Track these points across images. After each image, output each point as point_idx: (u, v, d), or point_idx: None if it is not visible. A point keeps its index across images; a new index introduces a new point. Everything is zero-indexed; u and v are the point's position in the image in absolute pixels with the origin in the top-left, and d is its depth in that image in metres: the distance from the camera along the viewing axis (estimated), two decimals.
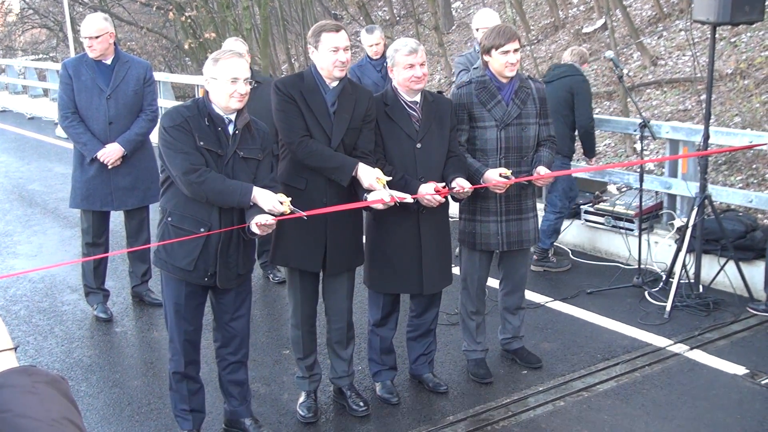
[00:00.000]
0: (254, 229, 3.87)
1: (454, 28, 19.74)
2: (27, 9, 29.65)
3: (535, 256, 6.86)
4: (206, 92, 4.03)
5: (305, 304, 4.57)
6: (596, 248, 7.39)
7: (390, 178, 4.23)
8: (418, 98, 4.55)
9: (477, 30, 7.00)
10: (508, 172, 4.60)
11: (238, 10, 19.31)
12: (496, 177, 4.59)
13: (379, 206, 4.21)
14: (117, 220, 6.83)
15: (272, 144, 4.25)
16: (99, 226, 6.12)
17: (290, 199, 3.93)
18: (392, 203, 4.18)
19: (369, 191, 4.21)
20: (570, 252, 7.32)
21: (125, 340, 5.87)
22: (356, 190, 4.32)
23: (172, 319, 4.20)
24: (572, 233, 7.36)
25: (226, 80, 3.91)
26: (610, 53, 6.36)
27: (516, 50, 4.68)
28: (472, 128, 4.78)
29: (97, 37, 5.82)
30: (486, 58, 4.77)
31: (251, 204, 3.91)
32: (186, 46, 20.82)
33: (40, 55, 29.06)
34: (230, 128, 4.02)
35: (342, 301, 4.63)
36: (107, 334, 5.94)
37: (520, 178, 4.75)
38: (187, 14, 19.18)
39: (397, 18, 21.18)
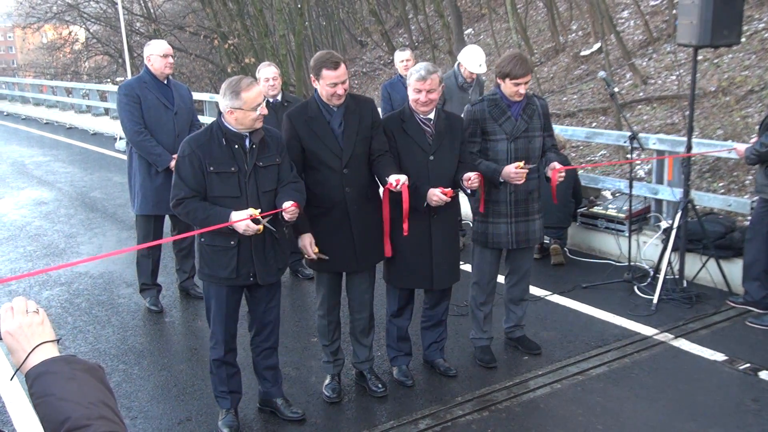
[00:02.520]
0: (285, 215, 3.91)
1: None
2: (91, 39, 29.96)
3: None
4: (221, 114, 3.96)
5: (331, 297, 4.58)
6: (591, 247, 7.34)
7: None
8: (432, 115, 4.53)
9: (458, 64, 7.11)
10: (521, 164, 4.60)
11: (275, 38, 19.41)
12: (512, 170, 4.58)
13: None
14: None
15: (285, 145, 4.21)
16: (158, 230, 6.17)
17: (259, 210, 3.86)
18: (396, 186, 4.14)
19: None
20: (567, 251, 7.28)
21: (173, 329, 5.90)
22: (376, 191, 4.33)
23: (215, 314, 4.19)
24: (569, 234, 7.31)
25: (251, 108, 3.86)
26: (602, 74, 6.31)
27: (526, 83, 4.68)
28: (485, 140, 4.77)
29: (172, 56, 6.00)
30: (499, 80, 4.74)
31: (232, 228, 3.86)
32: (229, 70, 20.95)
33: (103, 80, 29.38)
34: (247, 143, 3.97)
35: (363, 295, 4.62)
36: (157, 324, 5.98)
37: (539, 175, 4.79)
38: (230, 42, 19.33)
39: (416, 44, 21.17)
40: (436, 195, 4.32)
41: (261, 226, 3.87)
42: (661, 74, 12.39)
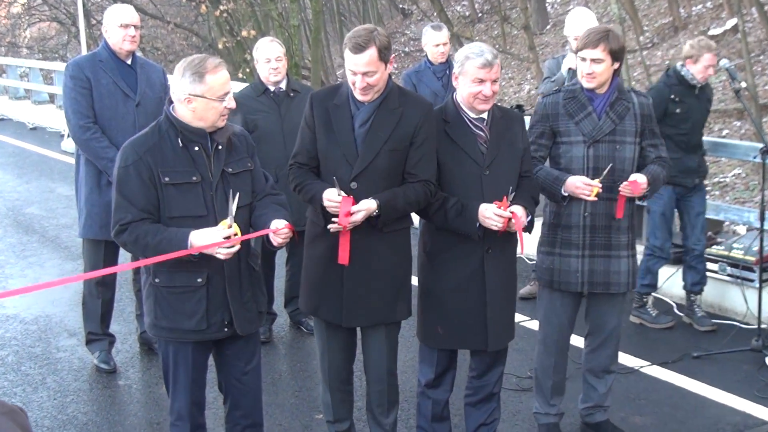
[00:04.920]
0: (273, 239, 3.98)
1: (548, 27, 19.83)
2: None
3: (634, 303, 6.95)
4: (171, 105, 4.02)
5: (334, 357, 4.64)
6: (707, 302, 7.32)
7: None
8: (485, 115, 4.57)
9: (566, 44, 7.15)
10: (597, 183, 4.68)
11: (284, 3, 19.53)
12: (580, 181, 4.65)
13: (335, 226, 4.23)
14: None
15: (254, 144, 4.32)
16: (111, 260, 6.24)
17: (229, 220, 3.92)
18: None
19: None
20: (675, 306, 7.34)
21: (128, 395, 6.03)
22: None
23: (176, 381, 4.23)
24: (678, 283, 7.35)
25: (218, 98, 3.92)
26: (725, 62, 6.40)
27: (596, 60, 4.74)
28: (556, 144, 4.88)
29: (137, 27, 6.06)
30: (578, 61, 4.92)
31: (190, 247, 3.88)
32: (220, 46, 21.02)
33: (49, 55, 29.84)
34: (209, 143, 4.05)
35: (380, 359, 4.63)
36: (108, 388, 6.10)
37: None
38: (222, 7, 19.36)
39: (479, 14, 21.36)
40: (493, 212, 4.30)
41: (236, 230, 3.90)
42: None
